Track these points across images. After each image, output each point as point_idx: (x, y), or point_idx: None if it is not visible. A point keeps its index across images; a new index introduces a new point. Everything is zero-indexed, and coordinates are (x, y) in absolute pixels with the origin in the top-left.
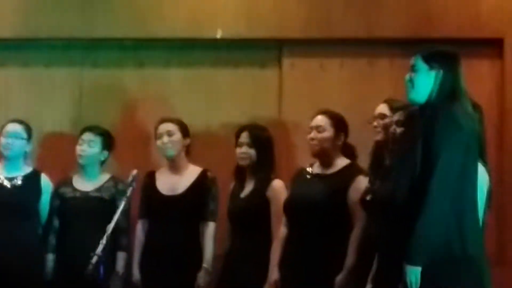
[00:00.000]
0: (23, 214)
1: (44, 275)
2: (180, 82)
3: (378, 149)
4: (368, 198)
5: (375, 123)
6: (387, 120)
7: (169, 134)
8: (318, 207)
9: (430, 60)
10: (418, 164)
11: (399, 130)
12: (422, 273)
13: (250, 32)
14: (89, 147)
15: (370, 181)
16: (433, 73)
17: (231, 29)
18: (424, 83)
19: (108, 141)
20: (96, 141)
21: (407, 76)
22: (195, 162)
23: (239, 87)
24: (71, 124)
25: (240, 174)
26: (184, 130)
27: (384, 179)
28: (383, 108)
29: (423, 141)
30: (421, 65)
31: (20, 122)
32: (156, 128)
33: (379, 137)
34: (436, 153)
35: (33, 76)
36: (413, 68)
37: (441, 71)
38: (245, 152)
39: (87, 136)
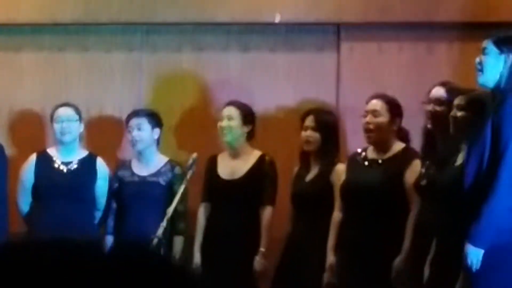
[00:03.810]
0: (79, 197)
1: None
2: (239, 66)
3: (430, 133)
4: (423, 183)
5: (429, 107)
6: (443, 106)
7: (229, 118)
8: (374, 191)
9: (501, 44)
10: (487, 149)
11: (460, 114)
12: (484, 256)
13: (309, 16)
14: (139, 131)
15: (423, 166)
16: (503, 57)
17: (289, 13)
18: (494, 66)
19: (155, 119)
20: (144, 123)
21: (477, 59)
22: (255, 146)
23: (297, 71)
24: (131, 109)
25: (304, 158)
26: (246, 117)
27: (440, 164)
28: (438, 91)
29: (491, 126)
30: (492, 48)
31: (70, 105)
32: (221, 110)
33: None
34: (506, 139)
35: (93, 61)
36: (483, 51)
37: (511, 56)
38: (310, 136)
39: (134, 121)
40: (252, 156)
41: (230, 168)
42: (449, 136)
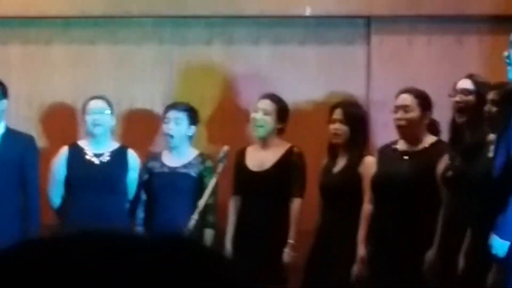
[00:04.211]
0: (110, 189)
1: None
2: (268, 59)
3: (457, 125)
4: (448, 174)
5: (457, 98)
6: (470, 97)
7: (264, 112)
8: (405, 184)
9: None
10: None
11: (494, 109)
12: (510, 248)
13: (339, 9)
14: (176, 124)
15: (450, 158)
16: None
17: (319, 6)
18: None
19: (193, 116)
20: (182, 118)
21: (505, 53)
22: (284, 138)
23: (327, 64)
24: (162, 102)
25: (333, 150)
26: (281, 113)
27: (468, 155)
28: (466, 83)
29: None
30: None
31: (102, 97)
32: (257, 101)
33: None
34: None
35: (123, 54)
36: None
37: None
38: (338, 128)
39: (172, 113)
40: (280, 148)
41: (259, 159)
42: (476, 127)
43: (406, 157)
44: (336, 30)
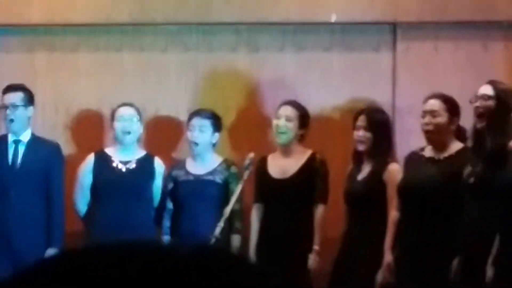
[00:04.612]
0: (136, 196)
1: None
2: (294, 66)
3: (478, 131)
4: (470, 181)
5: (477, 103)
6: (490, 102)
7: (287, 119)
8: (432, 190)
9: None
10: None
11: None
12: None
13: (365, 16)
14: (200, 132)
15: (472, 164)
16: None
17: (345, 13)
18: None
19: (217, 123)
20: (206, 125)
21: None
22: (308, 145)
23: (353, 70)
24: (187, 109)
25: (357, 157)
26: (303, 119)
27: (490, 161)
28: (486, 89)
29: None
30: None
31: (131, 105)
32: (277, 108)
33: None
34: None
35: (149, 61)
36: None
37: None
38: (362, 135)
39: (197, 121)
40: (303, 155)
41: (281, 167)
42: (497, 133)
43: (432, 164)
44: (362, 36)
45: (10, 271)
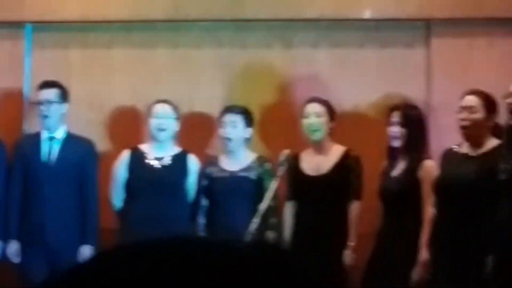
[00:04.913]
0: (171, 193)
1: None
2: (328, 62)
3: (511, 127)
4: (502, 177)
5: (509, 100)
6: None
7: (317, 115)
8: (469, 187)
9: None
10: None
11: None
12: None
13: (398, 12)
14: (232, 128)
15: (504, 161)
16: None
17: (379, 9)
18: None
19: (249, 118)
20: (238, 120)
21: None
22: (343, 141)
23: (387, 67)
24: (221, 105)
25: (391, 153)
26: (331, 113)
27: None
28: None
29: None
30: None
31: (168, 102)
32: (303, 107)
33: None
34: None
35: (183, 58)
36: None
37: None
38: (396, 131)
39: (228, 117)
40: (336, 151)
41: (315, 164)
42: None
43: (469, 160)
44: (396, 33)
45: (45, 268)
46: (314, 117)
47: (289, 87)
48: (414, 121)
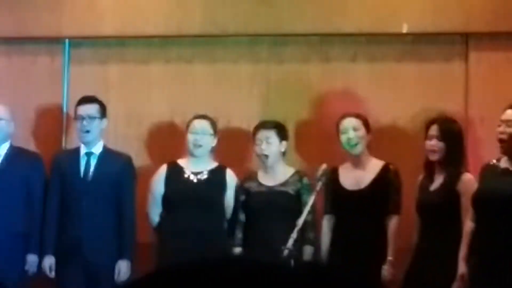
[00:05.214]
0: (208, 208)
1: None
2: (365, 77)
3: None
4: None
5: (500, 129)
6: None
7: (355, 129)
8: (508, 201)
9: None
10: None
11: None
12: None
13: (436, 26)
14: (267, 144)
15: None
16: None
17: (417, 23)
18: None
19: (282, 132)
20: (272, 136)
21: None
22: (381, 155)
23: (424, 81)
24: (258, 120)
25: (429, 167)
26: (367, 126)
27: None
28: None
29: None
30: None
31: (206, 117)
32: (339, 122)
33: None
34: None
35: (220, 73)
36: None
37: None
38: (434, 145)
39: (262, 133)
40: (376, 165)
41: (354, 178)
42: None
43: (508, 175)
44: (434, 47)
45: (82, 282)
46: (352, 131)
47: (326, 101)
48: (452, 134)
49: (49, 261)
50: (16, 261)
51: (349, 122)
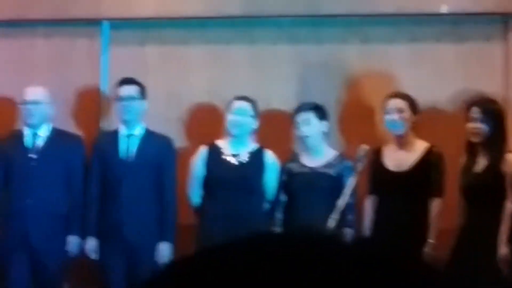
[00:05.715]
0: (248, 189)
1: None
2: (404, 57)
3: None
4: None
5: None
6: None
7: (400, 111)
8: None
9: None
10: None
11: None
12: None
13: (475, 6)
14: (307, 125)
15: None
16: None
17: (456, 4)
18: None
19: (321, 112)
20: (311, 117)
21: None
22: (421, 137)
23: (464, 61)
24: (297, 101)
25: (471, 149)
26: (414, 108)
27: None
28: None
29: None
30: None
31: (247, 99)
32: (385, 102)
33: None
34: None
35: (259, 54)
36: None
37: None
38: (477, 127)
39: (301, 116)
40: (420, 147)
41: (397, 159)
42: None
43: None
44: (473, 27)
45: (123, 264)
46: (396, 113)
47: (365, 82)
48: (495, 116)
49: (91, 243)
50: (58, 242)
51: (394, 103)
